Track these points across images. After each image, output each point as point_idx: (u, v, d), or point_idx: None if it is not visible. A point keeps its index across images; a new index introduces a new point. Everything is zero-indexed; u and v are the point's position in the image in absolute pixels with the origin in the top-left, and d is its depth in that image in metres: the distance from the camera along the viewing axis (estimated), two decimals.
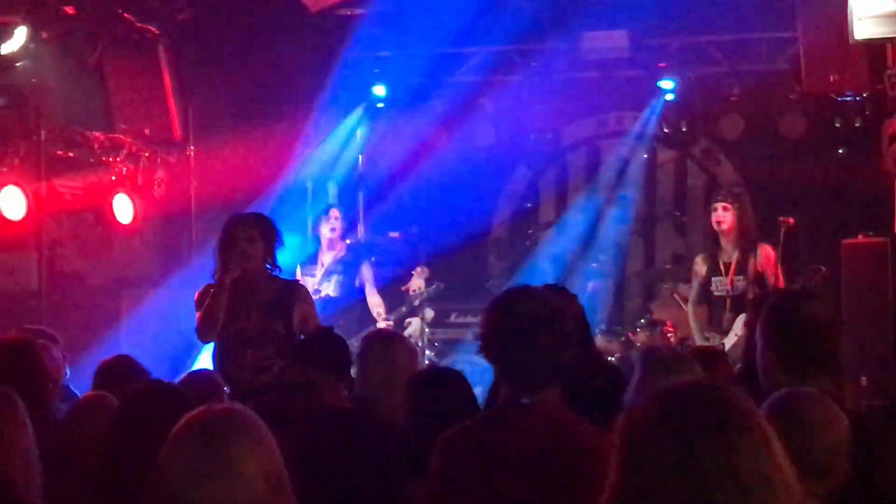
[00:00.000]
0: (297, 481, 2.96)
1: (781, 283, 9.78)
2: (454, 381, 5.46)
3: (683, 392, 2.38)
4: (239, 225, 7.27)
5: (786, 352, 4.17)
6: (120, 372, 5.85)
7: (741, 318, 9.91)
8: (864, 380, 9.81)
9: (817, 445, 3.46)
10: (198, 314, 7.22)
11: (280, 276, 7.35)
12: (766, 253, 10.11)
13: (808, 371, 4.08)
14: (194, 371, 6.59)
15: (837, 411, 3.56)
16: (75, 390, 6.81)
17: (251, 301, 7.18)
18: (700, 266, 10.36)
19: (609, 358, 9.90)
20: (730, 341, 9.82)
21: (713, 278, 10.21)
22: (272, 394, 6.50)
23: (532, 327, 3.75)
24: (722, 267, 10.19)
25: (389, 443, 5.18)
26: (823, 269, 10.30)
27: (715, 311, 10.27)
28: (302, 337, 6.78)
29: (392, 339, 6.20)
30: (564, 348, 3.80)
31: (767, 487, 2.27)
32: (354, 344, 10.51)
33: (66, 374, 7.00)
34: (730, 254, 10.18)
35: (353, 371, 5.97)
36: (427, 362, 11.53)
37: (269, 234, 7.29)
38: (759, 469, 2.28)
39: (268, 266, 7.26)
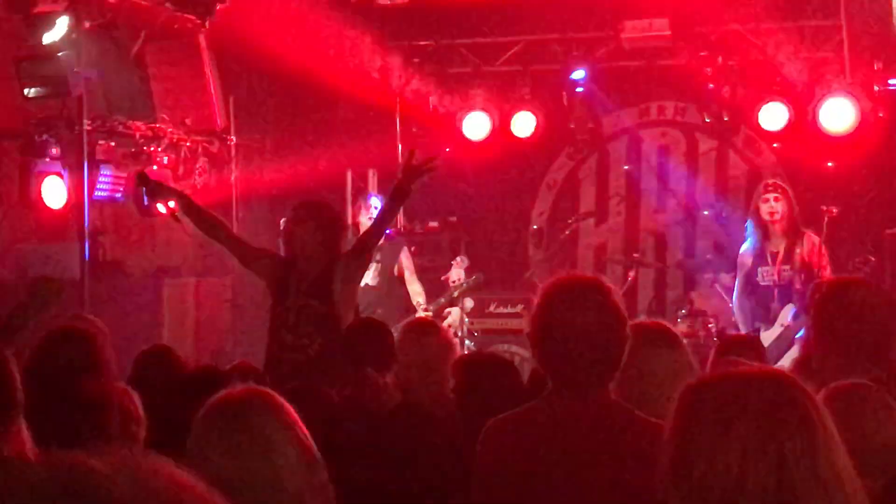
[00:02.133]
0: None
1: (828, 272, 9.70)
2: (505, 367, 5.44)
3: (757, 378, 2.35)
4: (292, 209, 7.46)
5: (839, 341, 4.11)
6: (158, 362, 5.87)
7: (788, 309, 9.85)
8: None
9: (871, 442, 3.40)
10: None
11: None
12: (812, 242, 10.04)
13: (861, 361, 4.01)
14: (237, 364, 6.62)
15: (891, 406, 3.50)
16: None
17: (296, 281, 7.31)
18: (746, 256, 10.29)
19: None
20: (775, 332, 9.75)
21: (759, 268, 10.13)
22: (307, 377, 6.55)
23: (590, 332, 3.65)
24: (769, 256, 10.12)
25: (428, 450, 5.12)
26: (872, 258, 10.22)
27: (762, 302, 10.20)
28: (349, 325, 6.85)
29: (427, 329, 6.20)
30: (620, 353, 3.73)
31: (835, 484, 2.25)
32: (395, 334, 10.57)
33: None
34: (777, 243, 10.11)
35: None
36: (466, 352, 11.53)
37: (322, 217, 7.40)
38: (814, 466, 2.25)
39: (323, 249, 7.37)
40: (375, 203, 11.06)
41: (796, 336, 9.36)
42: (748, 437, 2.21)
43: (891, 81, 11.62)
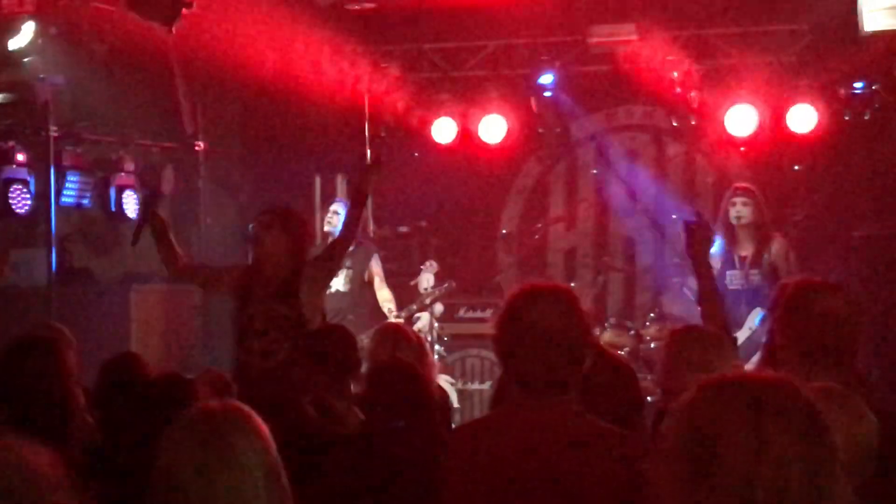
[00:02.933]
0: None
1: (795, 276, 9.73)
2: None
3: (776, 383, 2.32)
4: (259, 213, 7.45)
5: (803, 345, 4.12)
6: (124, 369, 5.84)
7: (755, 312, 9.88)
8: (874, 373, 9.78)
9: (845, 443, 3.41)
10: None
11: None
12: (779, 245, 10.08)
13: (824, 364, 4.02)
14: (205, 371, 6.60)
15: (863, 408, 3.51)
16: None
17: (260, 286, 7.28)
18: (714, 260, 10.31)
19: (618, 352, 9.88)
20: (743, 335, 9.78)
21: (728, 272, 10.16)
22: (274, 383, 6.54)
23: (553, 339, 3.65)
24: (737, 260, 10.15)
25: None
26: (837, 265, 10.28)
27: (729, 306, 10.21)
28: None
29: (400, 334, 6.20)
30: (583, 360, 3.72)
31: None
32: (364, 339, 10.54)
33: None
34: (745, 247, 10.14)
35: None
36: (437, 357, 11.54)
37: (289, 223, 7.39)
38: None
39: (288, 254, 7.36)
40: (337, 208, 11.04)
41: (762, 340, 9.39)
42: (785, 443, 2.19)
43: (856, 84, 11.68)
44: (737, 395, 2.26)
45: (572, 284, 11.16)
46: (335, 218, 10.93)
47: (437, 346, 11.63)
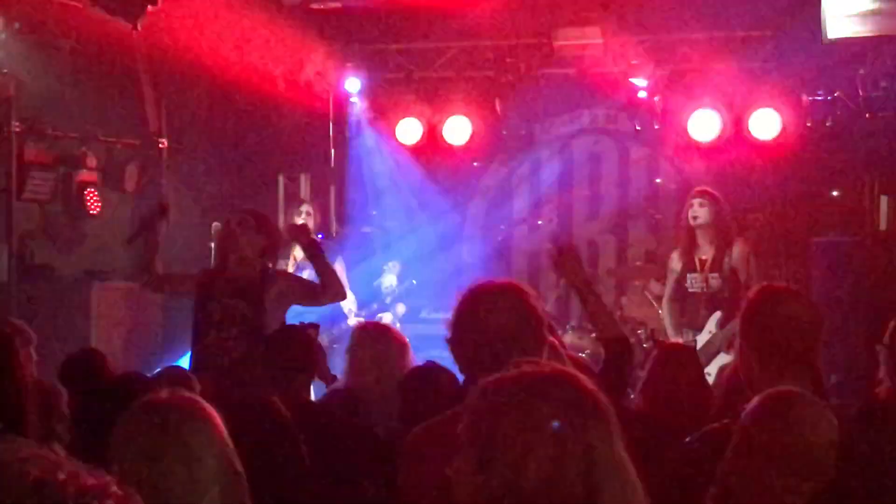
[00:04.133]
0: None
1: (754, 280, 9.79)
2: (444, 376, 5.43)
3: (553, 375, 2.43)
4: (241, 213, 7.46)
5: (765, 350, 4.15)
6: (86, 366, 5.83)
7: (716, 316, 9.93)
8: (832, 378, 9.84)
9: (806, 445, 3.45)
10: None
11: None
12: (740, 250, 10.13)
13: (788, 370, 4.06)
14: (168, 367, 6.58)
15: (826, 411, 3.55)
16: None
17: (222, 283, 7.28)
18: (675, 262, 10.37)
19: (580, 354, 9.91)
20: (703, 338, 9.83)
21: (688, 274, 10.21)
22: (228, 378, 6.54)
23: (505, 332, 3.66)
24: (697, 263, 10.20)
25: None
26: (799, 269, 10.35)
27: (689, 308, 10.28)
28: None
29: (382, 332, 6.21)
30: (537, 354, 3.72)
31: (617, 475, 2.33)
32: (325, 339, 10.55)
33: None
34: (706, 250, 10.19)
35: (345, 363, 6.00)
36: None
37: (267, 227, 7.43)
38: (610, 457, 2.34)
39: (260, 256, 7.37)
40: (307, 209, 11.03)
41: (723, 343, 9.44)
42: (559, 430, 2.29)
43: (819, 91, 11.76)
44: (514, 390, 2.38)
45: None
46: (309, 220, 10.90)
47: None
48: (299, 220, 10.95)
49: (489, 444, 2.34)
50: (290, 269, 10.84)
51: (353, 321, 10.68)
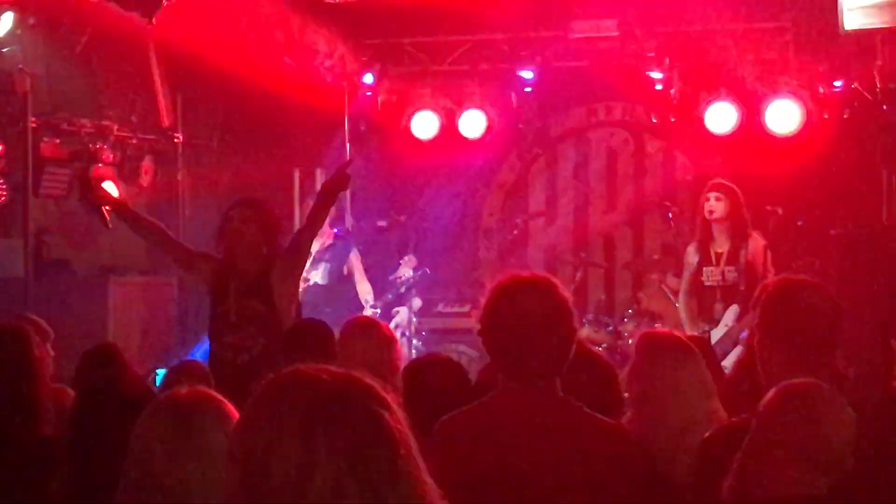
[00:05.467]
0: None
1: (772, 274, 9.75)
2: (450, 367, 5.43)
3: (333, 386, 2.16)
4: (235, 206, 7.35)
5: (784, 341, 4.12)
6: (103, 360, 5.82)
7: (732, 309, 9.90)
8: (851, 372, 9.81)
9: (824, 439, 3.42)
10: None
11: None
12: (757, 244, 10.10)
13: (806, 361, 4.03)
14: (183, 360, 6.59)
15: (845, 404, 3.53)
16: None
17: (235, 282, 7.23)
18: (692, 256, 10.35)
19: (596, 348, 9.92)
20: (719, 332, 9.80)
21: (705, 268, 10.19)
22: (246, 378, 6.53)
23: (541, 323, 3.68)
24: (713, 257, 10.18)
25: None
26: (816, 262, 10.30)
27: (705, 302, 10.25)
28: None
29: (370, 326, 6.21)
30: (569, 344, 3.75)
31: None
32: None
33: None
34: (722, 244, 10.17)
35: None
36: (414, 351, 11.54)
37: (263, 217, 7.33)
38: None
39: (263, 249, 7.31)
40: None
41: (740, 337, 9.40)
42: (335, 460, 2.05)
43: (836, 83, 11.71)
44: (291, 396, 2.13)
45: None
46: None
47: (414, 341, 11.63)
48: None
49: (251, 451, 2.09)
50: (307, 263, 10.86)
51: (369, 313, 10.67)
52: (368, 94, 13.03)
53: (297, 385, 2.15)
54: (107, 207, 7.67)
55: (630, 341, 11.17)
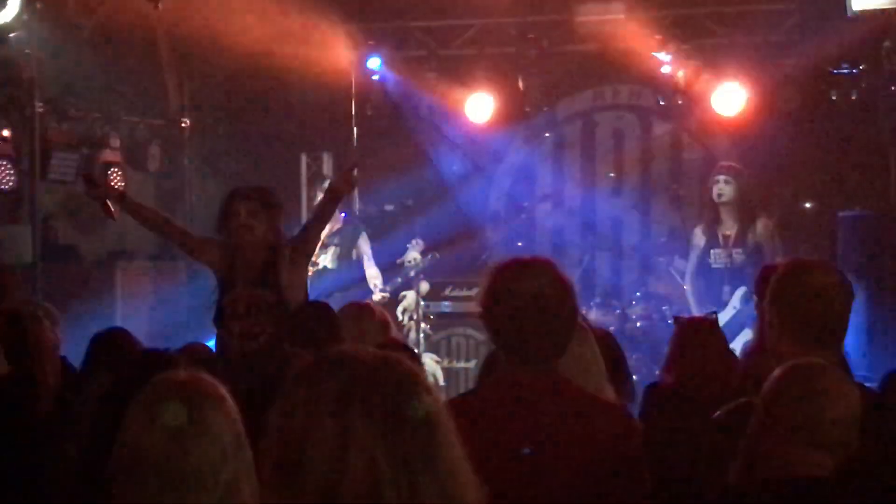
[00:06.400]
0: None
1: (781, 255, 9.76)
2: None
3: (373, 366, 2.16)
4: (238, 197, 7.27)
5: (795, 322, 4.12)
6: (114, 344, 5.84)
7: (740, 291, 9.90)
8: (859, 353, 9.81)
9: (829, 418, 3.42)
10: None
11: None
12: (764, 225, 10.11)
13: (815, 341, 4.03)
14: (190, 343, 6.58)
15: (849, 383, 3.53)
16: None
17: (242, 270, 7.22)
18: (699, 238, 10.35)
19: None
20: (727, 314, 9.80)
21: (712, 250, 10.20)
22: (258, 365, 6.54)
23: (542, 303, 3.68)
24: (721, 239, 10.18)
25: None
26: (823, 245, 10.31)
27: (713, 284, 10.26)
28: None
29: (363, 311, 6.21)
30: (570, 325, 3.75)
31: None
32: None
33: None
34: (729, 226, 10.17)
35: None
36: (422, 335, 11.56)
37: (270, 205, 7.29)
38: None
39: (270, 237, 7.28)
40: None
41: (748, 318, 9.41)
42: (370, 437, 2.06)
43: (844, 65, 11.69)
44: (327, 378, 2.13)
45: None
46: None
47: (423, 325, 11.65)
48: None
49: (293, 442, 2.09)
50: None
51: (377, 297, 10.69)
52: (375, 77, 13.02)
53: (335, 363, 2.17)
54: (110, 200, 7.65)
55: (638, 324, 11.19)
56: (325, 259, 10.89)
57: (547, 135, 13.82)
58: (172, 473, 2.83)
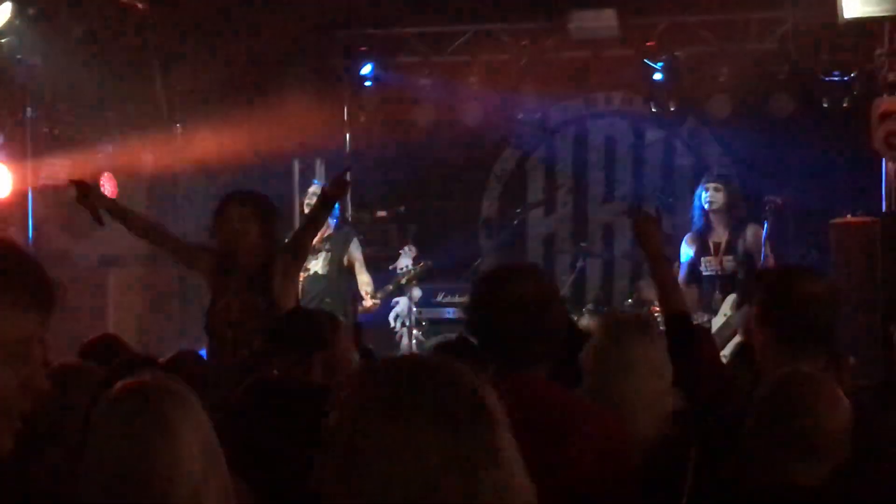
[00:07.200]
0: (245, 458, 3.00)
1: (771, 262, 9.78)
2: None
3: (433, 368, 2.16)
4: (232, 203, 7.26)
5: (782, 329, 4.13)
6: (104, 350, 5.83)
7: (730, 299, 9.92)
8: (852, 359, 9.81)
9: (820, 427, 3.43)
10: None
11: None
12: (754, 233, 10.13)
13: (804, 349, 4.03)
14: (181, 351, 6.56)
15: (839, 393, 3.53)
16: None
17: (234, 278, 7.19)
18: (689, 245, 10.37)
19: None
20: (718, 321, 9.82)
21: (702, 258, 10.21)
22: (249, 372, 6.53)
23: (527, 308, 3.69)
24: (711, 246, 10.20)
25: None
26: (814, 250, 10.33)
27: (704, 292, 10.27)
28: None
29: (333, 325, 6.23)
30: (557, 330, 3.76)
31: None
32: (343, 321, 10.52)
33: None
34: (720, 234, 10.19)
35: None
36: (414, 342, 11.55)
37: (264, 211, 7.27)
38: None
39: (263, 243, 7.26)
40: (315, 190, 11.02)
41: (738, 326, 9.42)
42: (426, 437, 2.05)
43: (836, 72, 11.71)
44: (385, 380, 2.13)
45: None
46: (315, 199, 10.90)
47: (415, 332, 11.64)
48: (310, 202, 10.94)
49: (352, 451, 2.08)
50: None
51: (368, 304, 10.69)
52: (368, 84, 13.02)
53: (386, 367, 2.18)
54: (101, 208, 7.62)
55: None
56: (316, 265, 10.87)
57: (539, 141, 13.83)
58: (135, 475, 2.82)
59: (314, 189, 11.03)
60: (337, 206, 11.17)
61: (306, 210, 10.93)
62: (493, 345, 3.74)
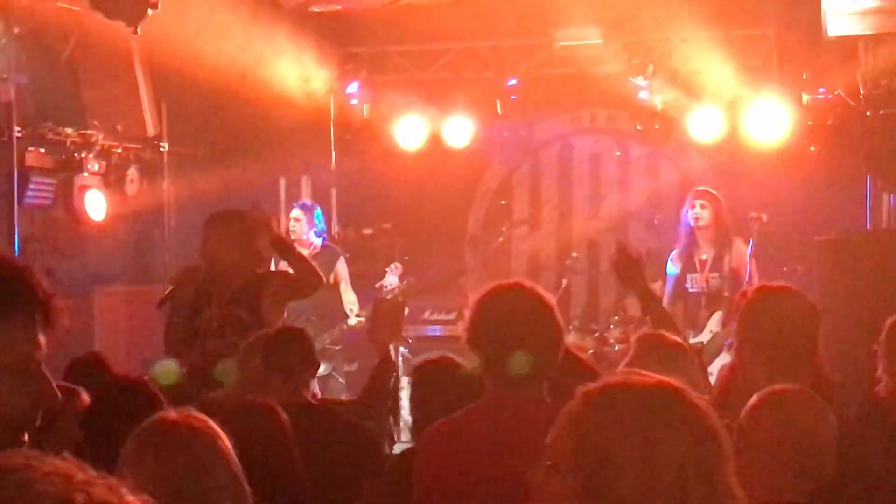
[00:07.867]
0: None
1: (755, 279, 9.80)
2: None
3: (662, 387, 2.28)
4: (211, 224, 7.29)
5: (763, 348, 4.15)
6: (90, 369, 5.82)
7: (716, 316, 9.93)
8: (837, 376, 9.82)
9: (806, 444, 3.44)
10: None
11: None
12: (740, 250, 10.15)
13: (785, 367, 4.06)
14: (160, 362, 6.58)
15: (825, 410, 3.55)
16: None
17: (218, 291, 7.21)
18: (675, 262, 10.38)
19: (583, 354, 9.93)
20: (705, 338, 9.83)
21: (688, 275, 10.24)
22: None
23: (526, 324, 3.70)
24: (697, 264, 10.22)
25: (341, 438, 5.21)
26: (798, 267, 10.34)
27: (690, 309, 10.29)
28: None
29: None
30: (555, 348, 3.77)
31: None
32: (326, 340, 10.55)
33: None
34: (706, 250, 10.21)
35: None
36: (401, 359, 11.54)
37: (239, 229, 7.29)
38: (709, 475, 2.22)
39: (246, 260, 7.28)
40: (297, 214, 11.01)
41: (724, 343, 9.44)
42: (678, 448, 2.18)
43: (820, 89, 11.75)
44: (624, 401, 2.24)
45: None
46: (297, 225, 10.93)
47: (401, 349, 11.63)
48: (293, 227, 10.94)
49: (601, 465, 2.19)
50: None
51: (354, 322, 10.70)
52: (354, 101, 13.04)
53: (628, 388, 2.28)
54: None
55: (616, 347, 11.21)
56: None
57: (524, 158, 13.85)
58: None
59: (295, 213, 11.05)
60: (323, 224, 11.26)
61: (292, 229, 10.93)
62: (492, 362, 3.76)
